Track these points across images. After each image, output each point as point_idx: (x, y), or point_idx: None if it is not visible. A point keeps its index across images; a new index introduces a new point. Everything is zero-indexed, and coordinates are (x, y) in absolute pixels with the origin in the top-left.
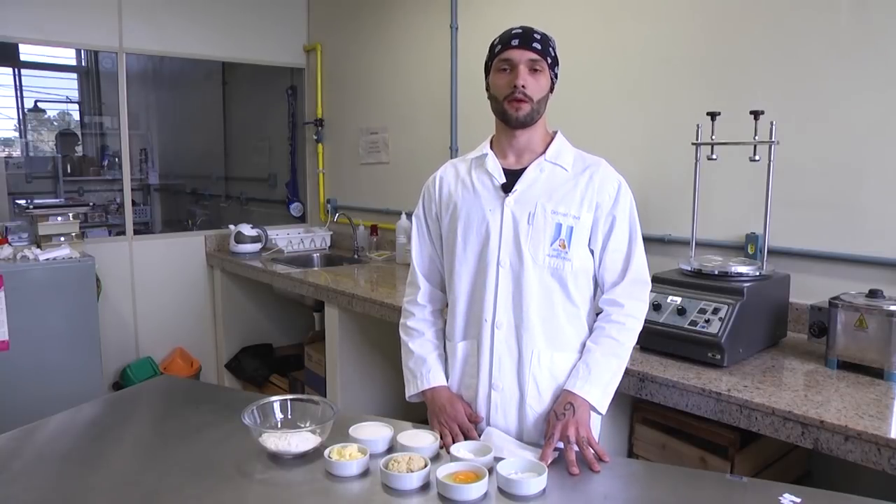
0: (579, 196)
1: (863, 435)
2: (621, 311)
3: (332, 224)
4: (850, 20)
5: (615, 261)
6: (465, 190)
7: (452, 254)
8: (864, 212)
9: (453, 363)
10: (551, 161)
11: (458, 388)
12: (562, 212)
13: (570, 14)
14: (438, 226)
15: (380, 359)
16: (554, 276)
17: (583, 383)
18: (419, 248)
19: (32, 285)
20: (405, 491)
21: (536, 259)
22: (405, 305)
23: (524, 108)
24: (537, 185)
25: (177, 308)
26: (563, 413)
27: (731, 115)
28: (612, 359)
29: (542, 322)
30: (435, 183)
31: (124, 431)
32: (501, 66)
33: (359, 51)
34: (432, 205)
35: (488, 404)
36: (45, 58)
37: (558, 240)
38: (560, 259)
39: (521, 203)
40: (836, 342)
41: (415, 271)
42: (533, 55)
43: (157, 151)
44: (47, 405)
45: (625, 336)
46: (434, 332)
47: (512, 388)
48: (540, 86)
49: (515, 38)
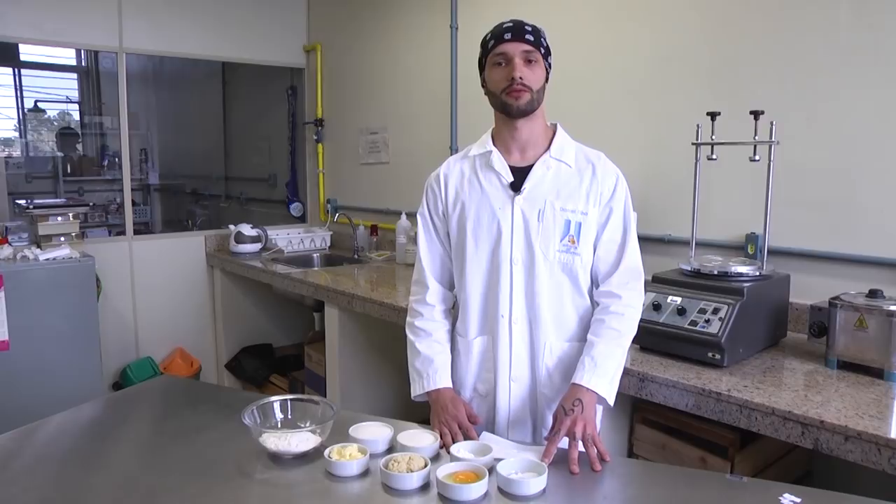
0: (584, 192)
1: (863, 435)
2: (620, 302)
3: (332, 224)
4: (850, 20)
5: (610, 251)
6: (473, 188)
7: (463, 252)
8: (863, 212)
9: (468, 359)
10: (556, 158)
11: (476, 382)
12: (570, 208)
13: (571, 14)
14: (446, 224)
15: (380, 359)
16: (564, 270)
17: (590, 376)
18: (427, 246)
19: (32, 285)
20: (405, 491)
21: (547, 255)
22: (413, 305)
23: (524, 97)
24: (545, 182)
25: (177, 308)
26: (571, 409)
27: (731, 115)
28: (617, 349)
29: (552, 315)
30: (440, 181)
31: (124, 431)
32: (496, 60)
33: (359, 51)
34: (438, 203)
35: (508, 396)
36: (45, 58)
37: (568, 236)
38: (570, 254)
39: (530, 201)
40: (836, 342)
41: (423, 270)
42: (526, 46)
43: (157, 151)
44: (47, 405)
45: (626, 326)
46: (443, 333)
47: (527, 379)
48: (536, 76)
49: (508, 32)
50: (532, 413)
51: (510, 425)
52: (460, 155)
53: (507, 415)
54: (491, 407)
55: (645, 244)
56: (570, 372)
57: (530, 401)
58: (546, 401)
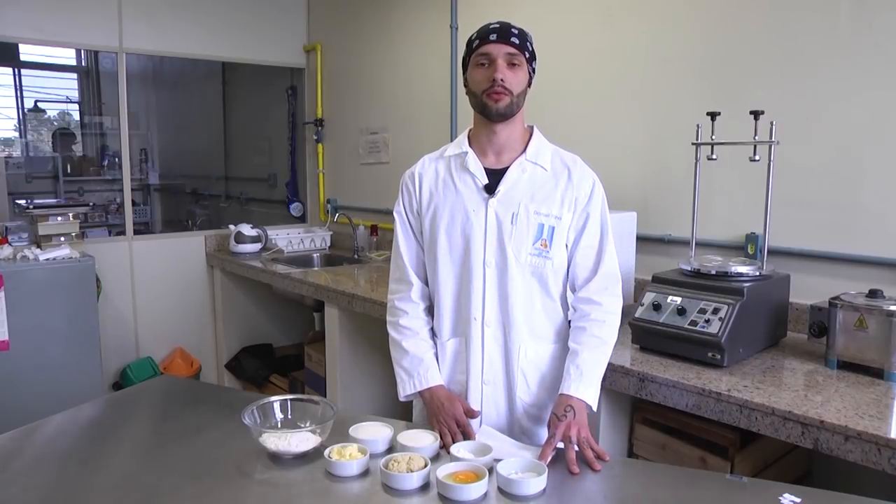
0: (559, 196)
1: (863, 435)
2: (600, 309)
3: (332, 224)
4: (850, 20)
5: (587, 257)
6: (447, 189)
7: (435, 253)
8: (863, 212)
9: (441, 360)
10: (531, 161)
11: (449, 384)
12: (544, 212)
13: (570, 14)
14: (420, 222)
15: (380, 359)
16: (534, 274)
17: (577, 385)
18: (406, 244)
19: (32, 285)
20: (405, 491)
21: (519, 258)
22: (396, 303)
23: (504, 100)
24: (519, 185)
25: (177, 308)
26: (563, 415)
27: (731, 115)
28: (601, 357)
29: (525, 318)
30: (415, 179)
31: (124, 431)
32: (479, 60)
33: (359, 51)
34: (413, 201)
35: (480, 398)
36: (45, 58)
37: (540, 240)
38: (541, 258)
39: (504, 204)
40: (836, 342)
41: (405, 268)
42: (511, 49)
43: (157, 151)
44: (47, 405)
45: (607, 333)
46: (427, 332)
47: (501, 381)
48: (518, 79)
49: (493, 33)
50: (508, 417)
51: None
52: (436, 154)
53: (479, 418)
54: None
55: (645, 244)
56: (547, 375)
57: (507, 404)
58: (523, 405)
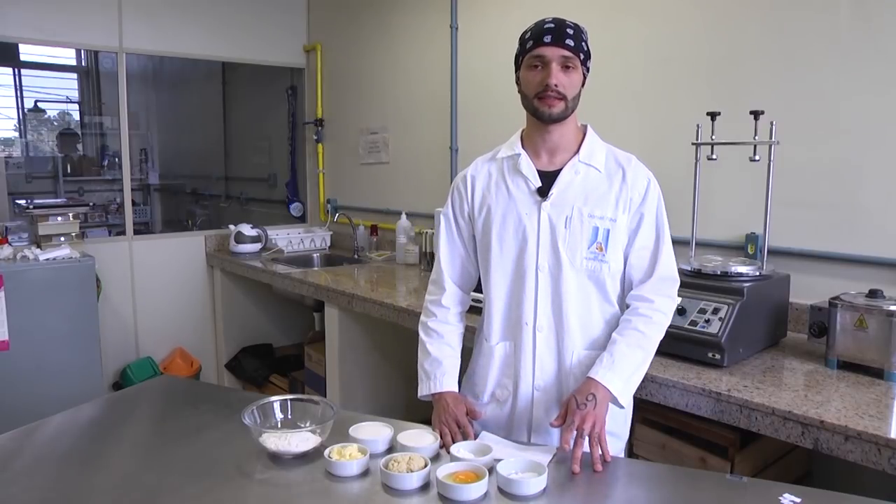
0: (614, 198)
1: (863, 435)
2: (650, 306)
3: (332, 224)
4: (850, 20)
5: (642, 258)
6: (500, 192)
7: (488, 257)
8: (863, 212)
9: (489, 363)
10: (585, 162)
11: (494, 388)
12: (598, 215)
13: (570, 14)
14: (471, 226)
15: (380, 358)
16: (591, 278)
17: (605, 371)
18: (448, 248)
19: (32, 285)
20: (405, 491)
21: (574, 262)
22: (428, 305)
23: (557, 106)
24: (573, 187)
25: (177, 308)
26: (584, 403)
27: (731, 115)
28: (637, 351)
29: (580, 324)
30: (467, 182)
31: (124, 431)
32: (533, 62)
33: (359, 51)
34: (464, 204)
35: (531, 404)
36: (45, 58)
37: (595, 243)
38: (597, 262)
39: (557, 207)
40: (836, 342)
41: (441, 272)
42: (566, 52)
43: (157, 151)
44: (47, 405)
45: (651, 329)
46: (455, 337)
47: (554, 388)
48: (573, 83)
49: (548, 35)
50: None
51: (532, 433)
52: (489, 156)
53: (529, 424)
54: (509, 414)
55: None
56: None
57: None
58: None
